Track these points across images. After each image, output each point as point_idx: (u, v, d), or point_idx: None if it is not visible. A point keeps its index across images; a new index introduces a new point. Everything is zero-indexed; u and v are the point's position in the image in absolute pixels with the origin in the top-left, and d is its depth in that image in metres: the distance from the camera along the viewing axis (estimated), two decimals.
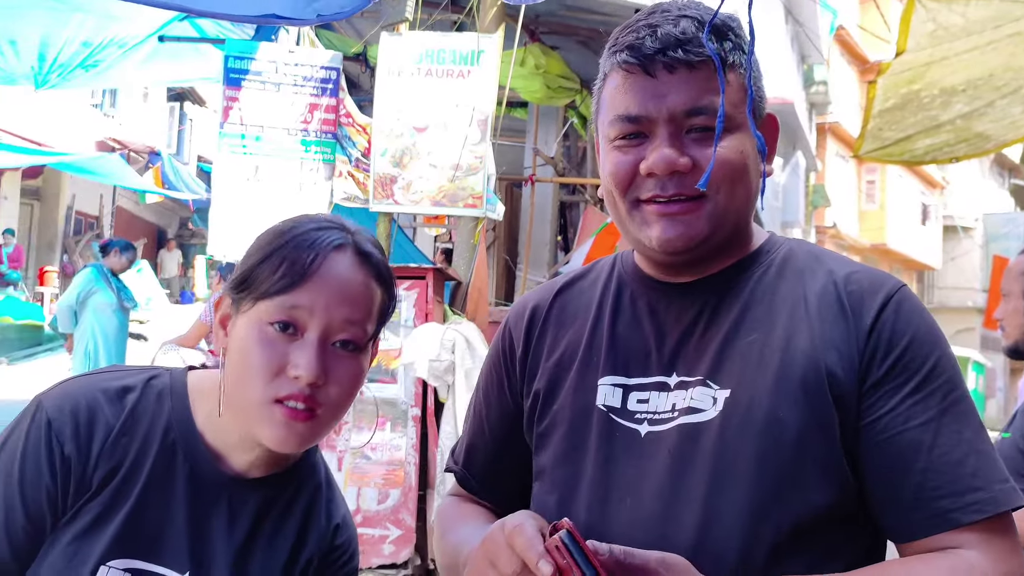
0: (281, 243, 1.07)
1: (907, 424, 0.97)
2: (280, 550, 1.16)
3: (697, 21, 1.02)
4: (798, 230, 21.26)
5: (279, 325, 1.04)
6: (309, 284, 1.04)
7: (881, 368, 0.98)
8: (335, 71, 5.13)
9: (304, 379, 1.03)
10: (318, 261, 1.05)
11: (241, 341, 1.06)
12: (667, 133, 1.01)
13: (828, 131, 24.64)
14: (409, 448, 4.40)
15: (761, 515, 0.96)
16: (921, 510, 0.95)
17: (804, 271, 1.07)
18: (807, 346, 1.00)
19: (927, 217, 30.00)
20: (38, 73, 6.23)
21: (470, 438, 1.26)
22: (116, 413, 1.09)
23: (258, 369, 1.04)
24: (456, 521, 1.21)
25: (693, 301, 1.08)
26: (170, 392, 1.13)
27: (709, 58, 0.99)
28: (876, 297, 1.01)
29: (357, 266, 1.08)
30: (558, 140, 7.62)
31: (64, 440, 1.05)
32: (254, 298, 1.06)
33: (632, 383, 1.07)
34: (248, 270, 1.08)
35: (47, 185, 16.31)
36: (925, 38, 4.42)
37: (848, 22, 22.03)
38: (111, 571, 1.05)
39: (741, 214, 1.06)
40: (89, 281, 6.96)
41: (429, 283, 4.49)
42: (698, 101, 1.00)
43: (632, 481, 1.02)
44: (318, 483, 1.22)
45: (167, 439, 1.10)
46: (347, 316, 1.06)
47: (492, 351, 1.24)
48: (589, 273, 1.21)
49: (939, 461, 0.95)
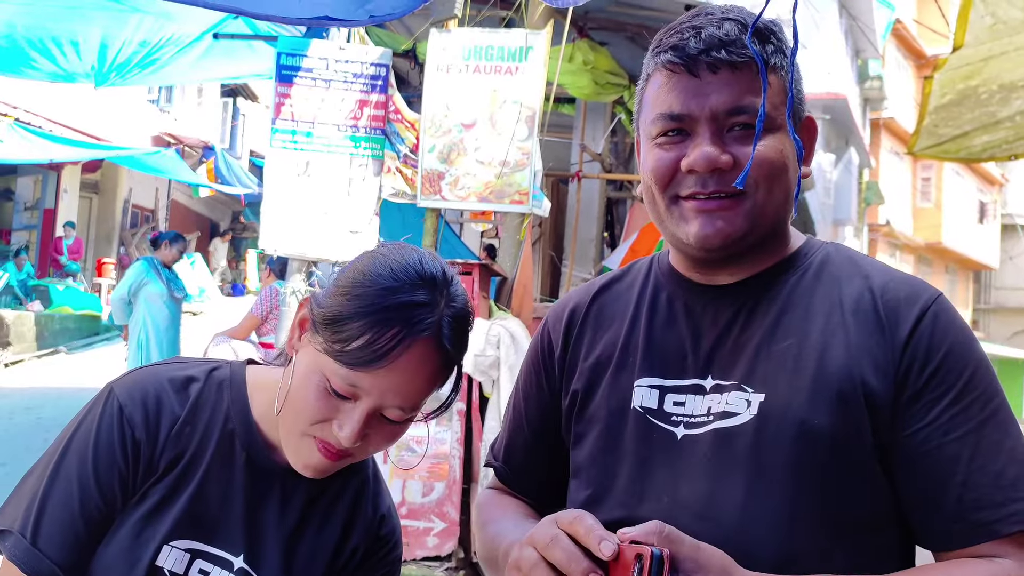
0: (377, 307, 1.04)
1: (947, 436, 0.97)
2: (328, 538, 1.21)
3: (740, 24, 1.03)
4: (850, 228, 20.89)
5: (336, 392, 1.07)
6: (378, 372, 1.04)
7: (919, 380, 0.99)
8: (385, 68, 5.18)
9: (341, 443, 1.07)
10: (395, 353, 1.03)
11: (303, 373, 1.09)
12: (709, 131, 1.03)
13: (883, 127, 24.14)
14: (454, 442, 4.44)
15: (797, 520, 0.97)
16: (961, 522, 0.96)
17: (841, 277, 1.07)
18: (842, 354, 1.01)
19: (985, 215, 29.21)
20: (98, 72, 6.41)
21: (509, 434, 1.29)
22: (182, 402, 1.15)
23: (308, 412, 1.08)
24: (495, 513, 1.23)
25: (729, 304, 1.09)
26: (230, 384, 1.19)
27: (751, 59, 1.00)
28: (913, 308, 1.02)
29: (429, 357, 1.07)
30: (605, 136, 7.59)
31: (135, 426, 1.11)
32: (328, 349, 1.06)
33: (668, 385, 1.08)
34: (338, 315, 1.06)
35: (105, 179, 16.74)
36: (984, 32, 4.31)
37: (905, 16, 21.54)
38: (173, 551, 1.10)
39: (779, 214, 1.07)
40: (140, 273, 7.15)
41: (475, 279, 4.53)
42: (740, 100, 1.02)
43: (669, 482, 1.03)
44: (365, 477, 1.27)
45: (226, 428, 1.16)
46: (401, 403, 1.08)
47: (531, 351, 1.26)
48: (627, 275, 1.23)
49: (979, 472, 0.96)
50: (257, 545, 1.15)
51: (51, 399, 8.49)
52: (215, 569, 1.13)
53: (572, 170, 7.34)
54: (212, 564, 1.13)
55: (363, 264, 1.10)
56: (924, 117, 5.09)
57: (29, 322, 11.46)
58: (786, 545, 0.97)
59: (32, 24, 5.65)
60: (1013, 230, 27.82)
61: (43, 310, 12.45)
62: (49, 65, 6.25)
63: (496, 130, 4.71)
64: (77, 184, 15.76)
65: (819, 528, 0.97)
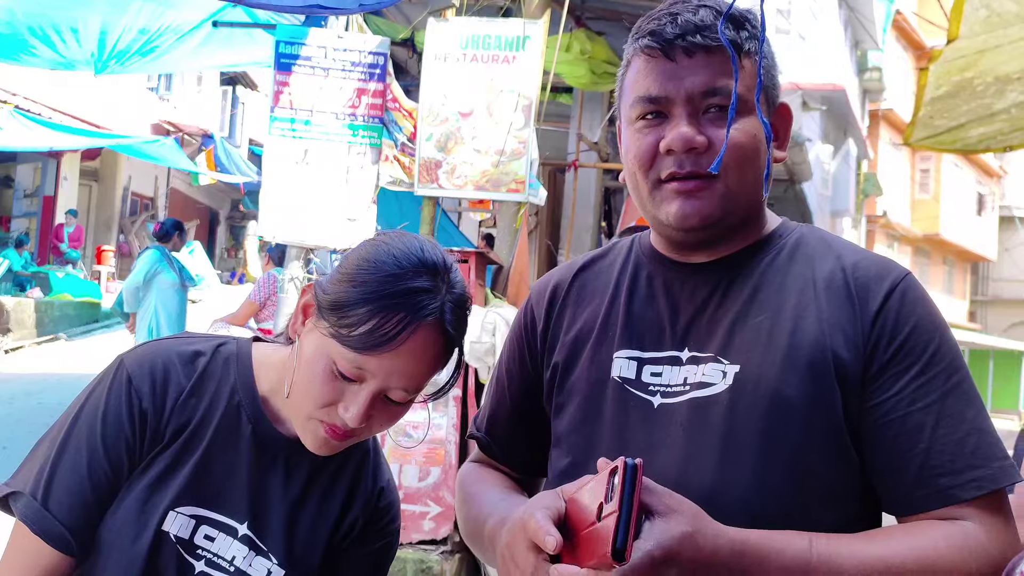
0: (382, 293, 1.08)
1: (912, 406, 1.02)
2: (330, 509, 1.26)
3: (715, 11, 1.08)
4: (848, 219, 20.89)
5: (343, 375, 1.11)
6: (384, 355, 1.08)
7: (886, 353, 1.03)
8: (383, 56, 5.21)
9: (348, 423, 1.12)
10: (401, 337, 1.07)
11: (310, 358, 1.13)
12: (685, 113, 1.07)
13: (881, 118, 24.11)
14: (450, 427, 4.49)
15: (768, 487, 1.02)
16: (923, 487, 1.01)
17: (814, 256, 1.12)
18: (814, 328, 1.05)
19: (983, 207, 29.23)
20: (98, 59, 6.42)
21: (492, 407, 1.32)
22: (188, 374, 1.19)
23: (314, 395, 1.12)
24: (477, 487, 1.27)
25: (707, 280, 1.13)
26: (236, 360, 1.23)
27: (728, 43, 1.04)
28: (882, 284, 1.06)
29: (433, 341, 1.12)
30: (602, 126, 7.61)
31: (143, 396, 1.16)
32: (335, 334, 1.10)
33: (646, 357, 1.12)
34: (344, 301, 1.10)
35: (105, 167, 16.75)
36: (979, 25, 4.34)
37: (905, 7, 21.50)
38: (178, 516, 1.15)
39: (751, 195, 1.11)
40: (154, 262, 7.18)
41: (472, 266, 4.56)
42: (714, 83, 1.06)
43: (645, 449, 1.07)
44: (366, 450, 1.32)
45: (232, 401, 1.20)
46: (405, 385, 1.13)
47: (515, 325, 1.30)
48: (608, 254, 1.27)
49: (941, 441, 1.00)
50: (261, 513, 1.20)
51: (51, 385, 8.54)
52: (220, 535, 1.17)
53: (569, 159, 7.37)
54: (217, 530, 1.17)
55: (367, 251, 1.14)
56: (920, 108, 5.11)
57: (29, 309, 11.49)
58: (756, 511, 1.01)
59: (32, 11, 5.66)
60: (1011, 222, 27.87)
61: (43, 297, 12.48)
62: (49, 52, 6.26)
63: (493, 119, 4.73)
64: (77, 172, 15.77)
65: (788, 495, 1.02)
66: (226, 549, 1.17)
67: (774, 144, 1.11)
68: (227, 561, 1.17)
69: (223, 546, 1.17)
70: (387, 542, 1.33)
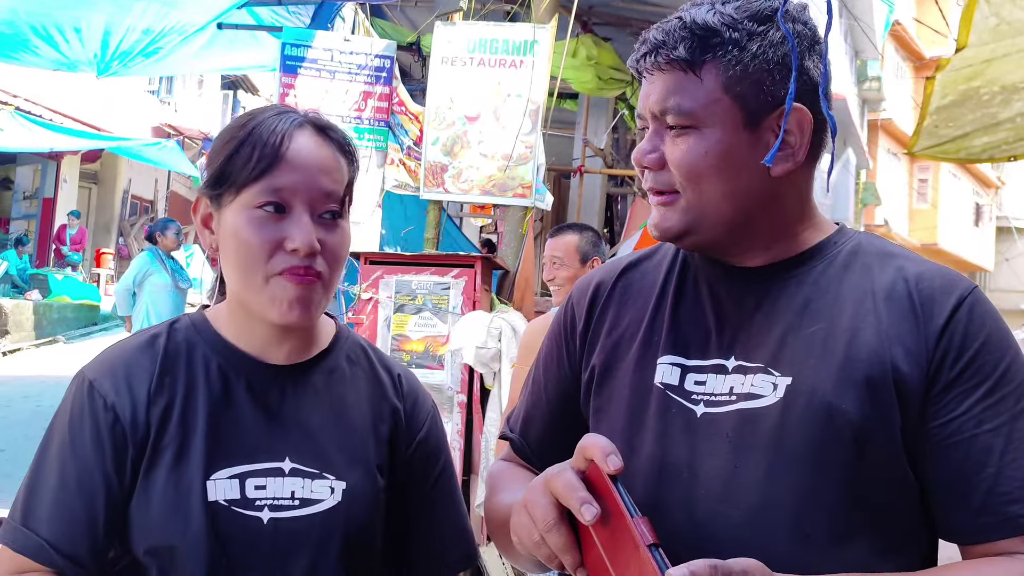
0: (246, 134, 1.13)
1: (979, 428, 0.96)
2: (355, 410, 1.24)
3: (686, 23, 1.04)
4: None
5: (269, 207, 1.11)
6: (284, 164, 1.11)
7: (953, 370, 0.98)
8: (389, 60, 5.20)
9: (302, 250, 1.10)
10: (287, 142, 1.12)
11: (232, 230, 1.12)
12: (652, 130, 1.08)
13: (880, 128, 24.19)
14: (454, 434, 4.46)
15: (818, 505, 0.97)
16: (991, 515, 0.95)
17: (872, 265, 1.07)
18: (873, 340, 1.00)
19: (980, 217, 29.31)
20: (101, 60, 6.38)
21: (528, 408, 1.29)
22: (152, 358, 1.16)
23: (256, 249, 1.10)
24: (508, 481, 1.24)
25: (756, 288, 1.09)
26: (194, 327, 1.21)
27: (676, 61, 1.03)
28: (949, 298, 1.01)
29: (321, 141, 1.16)
30: (608, 131, 7.60)
31: (106, 393, 1.12)
32: (235, 189, 1.12)
33: (691, 364, 1.09)
34: (222, 165, 1.14)
35: (105, 169, 16.73)
36: (987, 33, 4.33)
37: (904, 16, 21.57)
38: (219, 482, 1.12)
39: (723, 210, 1.05)
40: (145, 264, 7.19)
41: (477, 271, 4.53)
42: (664, 102, 1.05)
43: (688, 458, 1.04)
44: (361, 344, 1.31)
45: (210, 365, 1.18)
46: (325, 188, 1.13)
47: (554, 325, 1.27)
48: (655, 254, 1.24)
49: (1011, 466, 0.95)
50: (293, 442, 1.17)
51: (49, 387, 8.50)
52: (268, 480, 1.14)
53: (574, 165, 7.36)
54: (264, 477, 1.14)
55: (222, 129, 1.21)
56: (925, 117, 5.10)
57: (28, 311, 11.46)
58: (805, 529, 0.97)
59: (35, 10, 5.63)
60: (1008, 233, 27.90)
61: (42, 299, 12.43)
62: (52, 52, 6.23)
63: (500, 124, 4.72)
64: (76, 174, 15.74)
65: (839, 515, 0.97)
66: (281, 488, 1.15)
67: (782, 154, 1.05)
68: (288, 498, 1.15)
69: (277, 488, 1.14)
70: (433, 423, 1.32)
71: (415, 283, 4.54)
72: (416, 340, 4.56)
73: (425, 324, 4.56)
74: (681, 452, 1.05)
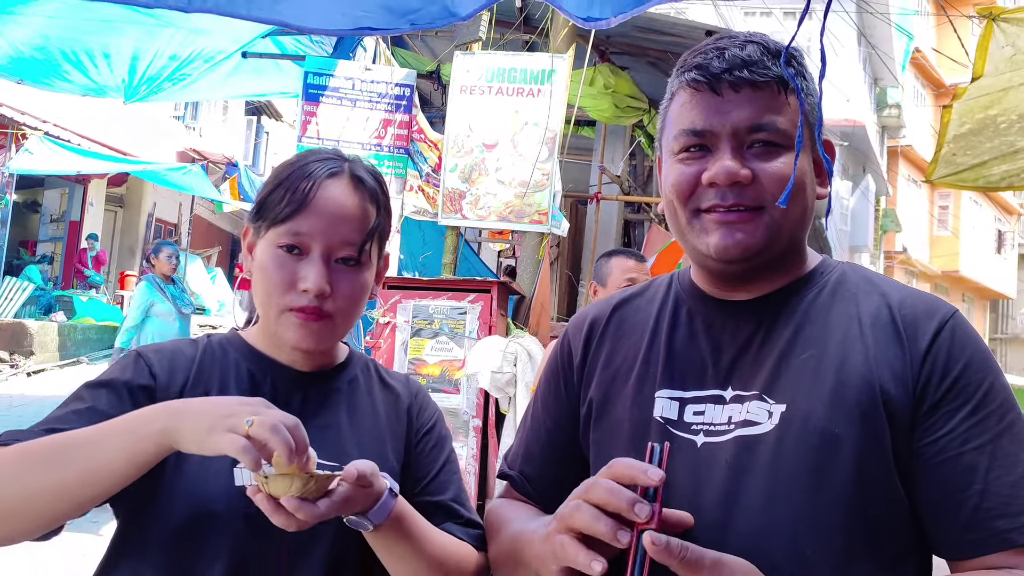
0: (285, 175, 1.23)
1: (964, 446, 0.99)
2: (377, 413, 1.31)
3: (762, 47, 1.09)
4: (867, 255, 20.81)
5: (287, 248, 1.21)
6: (308, 211, 1.20)
7: (938, 391, 1.01)
8: (409, 88, 5.28)
9: (311, 291, 1.19)
10: (315, 190, 1.21)
11: (260, 262, 1.24)
12: (730, 147, 1.07)
13: (900, 155, 24.10)
14: (470, 458, 4.47)
15: (817, 526, 0.99)
16: (977, 530, 0.97)
17: (858, 293, 1.11)
18: (861, 365, 1.03)
19: (1002, 245, 29.04)
20: (128, 86, 6.51)
21: (526, 443, 1.30)
22: (194, 351, 1.28)
23: (274, 284, 1.21)
24: (511, 514, 1.24)
25: (749, 318, 1.12)
26: (228, 340, 1.32)
27: (771, 80, 1.06)
28: (931, 322, 1.05)
29: (351, 191, 1.24)
30: (624, 159, 7.66)
31: (151, 362, 1.22)
32: (267, 225, 1.23)
33: (688, 396, 1.11)
34: (261, 200, 1.25)
35: (130, 193, 16.97)
36: (1004, 63, 4.36)
37: (924, 45, 21.57)
38: (244, 472, 1.13)
39: (795, 230, 1.10)
40: (146, 295, 6.93)
41: (494, 296, 4.57)
42: (760, 118, 1.06)
43: (690, 489, 1.06)
44: (367, 361, 1.40)
45: (240, 370, 1.26)
46: (344, 237, 1.21)
47: (551, 360, 1.29)
48: (647, 290, 1.27)
49: (996, 483, 0.97)
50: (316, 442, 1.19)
51: None
52: None
53: (591, 192, 7.41)
54: None
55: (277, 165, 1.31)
56: (942, 146, 5.12)
57: (52, 332, 11.60)
58: (805, 551, 0.99)
59: (65, 36, 5.75)
60: None
61: (66, 321, 12.59)
62: (81, 77, 6.36)
63: (517, 151, 4.78)
64: (103, 197, 15.98)
65: (837, 535, 0.99)
66: None
67: (816, 181, 1.12)
68: None
69: None
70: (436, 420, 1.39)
71: (432, 308, 4.60)
72: (432, 364, 4.60)
73: (442, 348, 4.60)
74: (683, 483, 1.06)
